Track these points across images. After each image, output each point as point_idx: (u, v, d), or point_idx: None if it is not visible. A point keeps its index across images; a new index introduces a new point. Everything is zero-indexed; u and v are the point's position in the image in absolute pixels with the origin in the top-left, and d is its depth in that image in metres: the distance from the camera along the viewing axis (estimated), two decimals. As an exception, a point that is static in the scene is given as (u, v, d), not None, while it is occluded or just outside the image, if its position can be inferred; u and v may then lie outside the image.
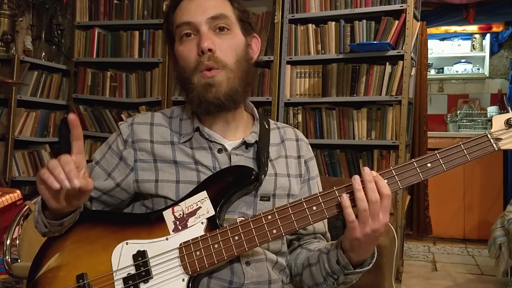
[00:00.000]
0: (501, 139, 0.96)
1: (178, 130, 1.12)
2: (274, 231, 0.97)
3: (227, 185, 1.03)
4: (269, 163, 1.11)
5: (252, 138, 1.12)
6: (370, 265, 1.03)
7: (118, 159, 1.10)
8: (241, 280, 1.01)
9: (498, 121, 0.97)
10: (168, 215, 1.02)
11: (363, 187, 0.94)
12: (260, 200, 1.08)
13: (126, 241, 1.00)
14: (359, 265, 1.02)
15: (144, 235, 1.01)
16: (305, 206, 0.97)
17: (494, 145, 0.96)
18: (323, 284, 1.07)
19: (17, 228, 1.79)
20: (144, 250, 0.99)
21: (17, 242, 1.76)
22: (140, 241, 1.00)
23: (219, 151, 1.09)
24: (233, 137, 1.12)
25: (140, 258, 0.98)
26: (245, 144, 1.11)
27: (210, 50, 1.03)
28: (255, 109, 1.18)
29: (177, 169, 1.07)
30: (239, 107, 1.12)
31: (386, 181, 0.95)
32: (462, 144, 0.97)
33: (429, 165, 0.96)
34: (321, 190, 1.18)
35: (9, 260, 1.70)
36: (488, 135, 0.97)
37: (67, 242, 1.03)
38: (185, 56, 1.06)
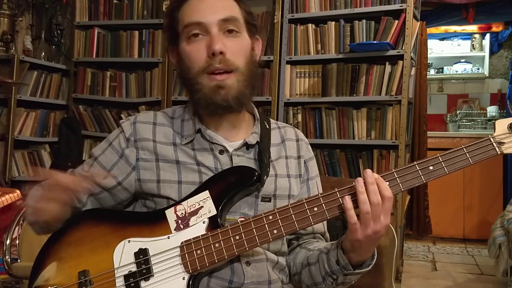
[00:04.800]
0: (504, 143, 0.96)
1: (180, 131, 1.12)
2: (275, 231, 0.97)
3: (229, 185, 1.03)
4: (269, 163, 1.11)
5: (253, 139, 1.12)
6: (370, 267, 1.03)
7: (118, 156, 1.10)
8: (241, 280, 1.01)
9: (501, 125, 0.97)
10: (170, 214, 1.02)
11: (365, 189, 0.94)
12: (261, 201, 1.08)
13: (128, 239, 1.01)
14: (359, 266, 1.02)
15: (146, 233, 1.01)
16: (306, 207, 0.97)
17: (496, 148, 0.96)
18: (321, 284, 1.07)
19: (17, 228, 1.79)
20: (145, 248, 0.99)
21: (17, 242, 1.76)
22: (142, 239, 1.01)
23: (221, 152, 1.09)
24: (234, 138, 1.12)
25: (142, 256, 0.99)
26: (246, 145, 1.11)
27: (221, 53, 1.02)
28: (255, 108, 1.18)
29: (179, 170, 1.07)
30: (243, 110, 1.13)
31: (387, 183, 0.95)
32: (464, 147, 0.96)
33: (431, 168, 0.96)
34: (320, 190, 1.18)
35: (9, 260, 1.70)
36: (491, 139, 0.97)
37: (70, 240, 1.03)
38: (193, 56, 1.05)
